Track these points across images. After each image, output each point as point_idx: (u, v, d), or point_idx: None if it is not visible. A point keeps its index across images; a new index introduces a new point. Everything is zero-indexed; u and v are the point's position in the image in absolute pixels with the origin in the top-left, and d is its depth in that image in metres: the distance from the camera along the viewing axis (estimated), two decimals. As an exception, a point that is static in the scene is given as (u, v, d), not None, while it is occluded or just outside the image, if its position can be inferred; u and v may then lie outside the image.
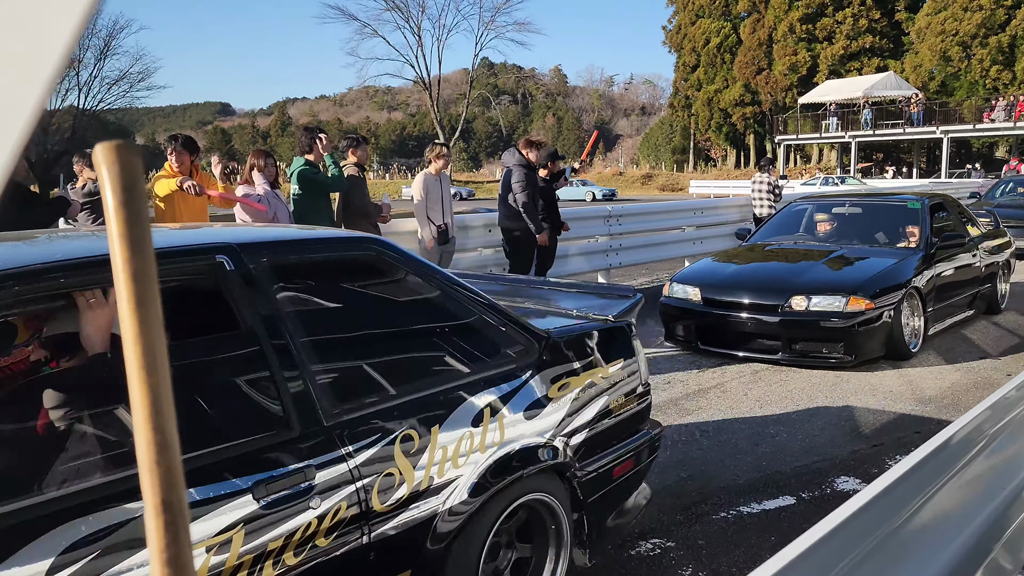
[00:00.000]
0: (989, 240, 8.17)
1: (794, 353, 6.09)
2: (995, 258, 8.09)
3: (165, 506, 0.43)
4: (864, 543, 1.23)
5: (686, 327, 6.63)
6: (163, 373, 0.45)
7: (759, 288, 6.33)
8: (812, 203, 8.41)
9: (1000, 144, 45.77)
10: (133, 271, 0.45)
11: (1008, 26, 40.38)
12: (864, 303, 5.95)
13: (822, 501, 3.75)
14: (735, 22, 53.72)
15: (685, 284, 6.72)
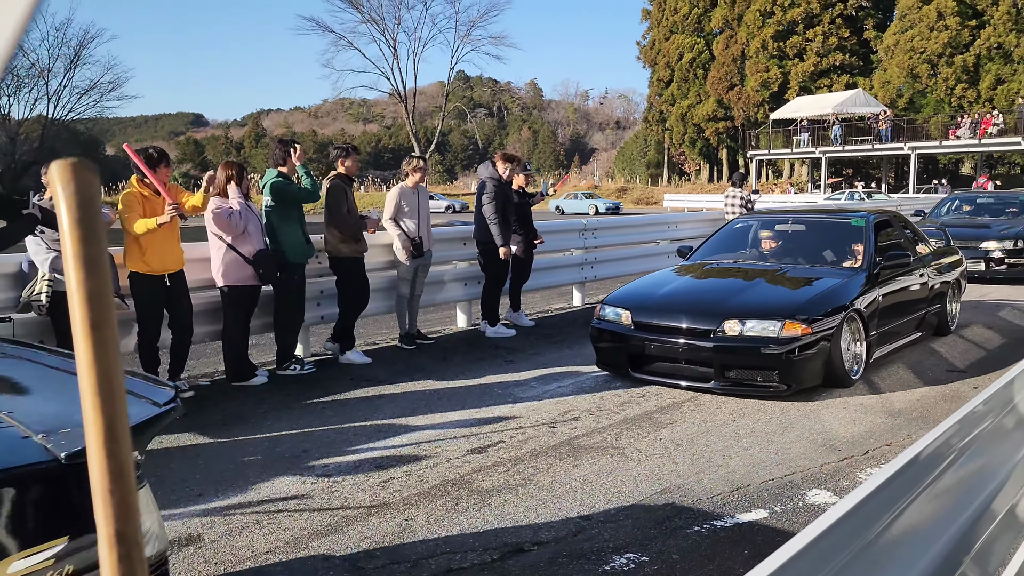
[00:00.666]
0: (938, 259, 7.87)
1: (727, 381, 5.69)
2: (944, 277, 7.78)
3: (120, 537, 0.42)
4: (837, 558, 1.23)
5: (616, 353, 6.21)
6: (119, 398, 0.43)
7: (691, 311, 5.92)
8: (756, 220, 7.99)
9: (966, 160, 46.65)
10: (88, 292, 0.44)
11: (972, 46, 41.27)
12: (800, 328, 5.56)
13: (794, 514, 3.76)
14: (708, 38, 54.34)
15: (616, 307, 6.30)
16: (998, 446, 1.99)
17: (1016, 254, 11.57)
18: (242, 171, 6.27)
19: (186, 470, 4.38)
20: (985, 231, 11.99)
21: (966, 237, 11.43)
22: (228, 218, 5.96)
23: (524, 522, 3.68)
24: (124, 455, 0.43)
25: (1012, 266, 11.59)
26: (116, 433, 0.43)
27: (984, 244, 11.66)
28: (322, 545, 3.46)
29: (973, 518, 1.80)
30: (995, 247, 11.59)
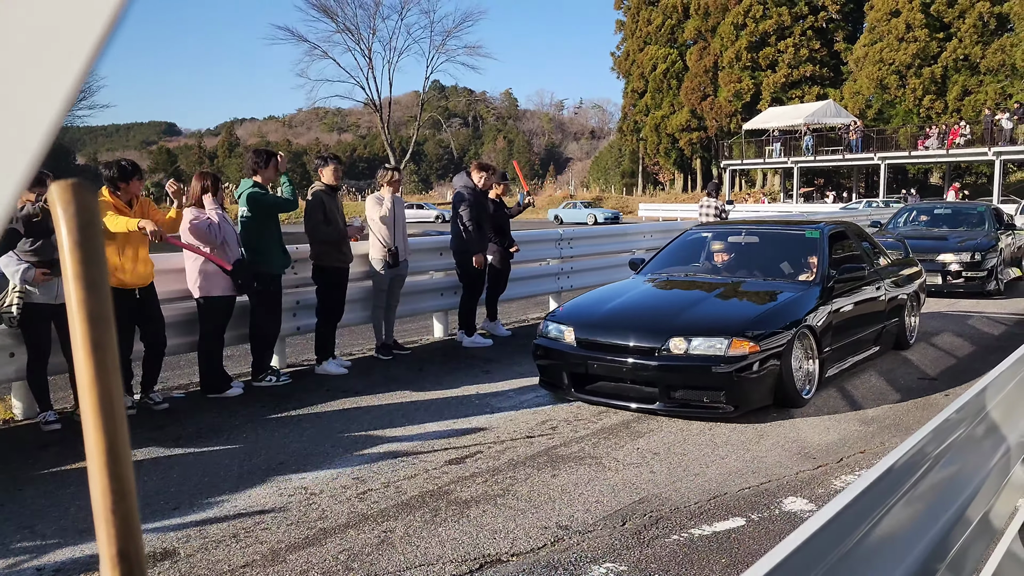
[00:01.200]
0: (896, 271, 7.65)
1: (673, 403, 5.37)
2: (903, 290, 7.53)
3: (122, 556, 0.42)
4: (816, 569, 1.24)
5: (558, 372, 5.87)
6: (120, 418, 0.44)
7: (636, 328, 5.61)
8: (710, 231, 7.65)
9: (934, 170, 47.50)
10: (89, 313, 0.44)
11: (940, 58, 42.10)
12: (748, 346, 5.26)
13: (771, 522, 3.79)
14: (682, 49, 54.90)
15: (560, 323, 5.98)
16: (971, 454, 2.02)
17: (973, 267, 11.04)
18: (217, 181, 6.24)
19: (161, 483, 4.32)
20: (942, 243, 11.50)
21: (922, 249, 10.99)
22: (207, 229, 5.92)
23: (502, 532, 3.68)
24: (126, 475, 0.43)
25: (970, 279, 11.07)
26: (118, 453, 0.43)
27: (941, 257, 11.17)
28: (300, 558, 3.43)
29: (948, 525, 1.84)
30: (952, 260, 11.10)
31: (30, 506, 4.02)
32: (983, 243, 11.34)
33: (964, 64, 41.89)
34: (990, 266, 11.04)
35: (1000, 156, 33.14)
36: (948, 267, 11.07)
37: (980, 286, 11.05)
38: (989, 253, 11.15)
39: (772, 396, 5.51)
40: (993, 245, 11.33)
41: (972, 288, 11.06)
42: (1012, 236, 12.61)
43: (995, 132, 33.17)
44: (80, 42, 0.40)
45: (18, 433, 5.33)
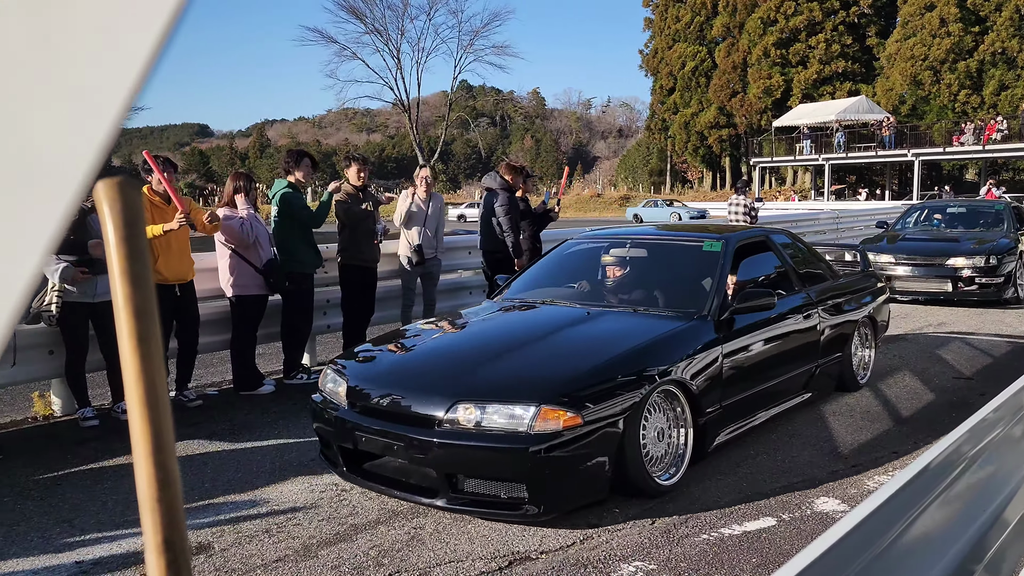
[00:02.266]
0: (840, 293, 5.97)
1: (460, 497, 3.73)
2: (847, 316, 5.93)
3: (167, 545, 0.43)
4: (849, 568, 1.23)
5: (328, 442, 4.26)
6: (164, 408, 0.45)
7: (420, 384, 4.03)
8: (591, 242, 5.96)
9: (970, 167, 46.66)
10: (135, 307, 0.45)
11: (976, 52, 41.34)
12: (564, 417, 3.60)
13: (802, 522, 3.76)
14: (710, 46, 54.48)
15: (338, 372, 4.42)
16: (1009, 454, 1.99)
17: (988, 272, 9.87)
18: (250, 181, 6.32)
19: (195, 479, 4.39)
20: (953, 245, 10.41)
21: (931, 253, 10.35)
22: (239, 228, 6.00)
23: (531, 530, 3.68)
24: (171, 464, 0.44)
25: (984, 286, 9.91)
26: (163, 442, 0.44)
27: (951, 261, 10.07)
28: (331, 553, 3.47)
29: (985, 526, 1.81)
30: (964, 264, 9.95)
31: (69, 500, 4.10)
32: (1000, 245, 10.20)
33: (1001, 58, 41.08)
34: (1008, 271, 9.99)
35: (1038, 151, 32.45)
36: (960, 272, 9.94)
37: (996, 294, 9.96)
38: (1007, 256, 10.07)
39: (607, 486, 3.84)
40: (1012, 247, 10.29)
41: (987, 296, 9.98)
42: None
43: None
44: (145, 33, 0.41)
45: (57, 429, 5.44)
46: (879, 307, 6.56)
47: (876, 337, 6.55)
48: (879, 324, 6.58)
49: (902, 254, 10.46)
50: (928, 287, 10.21)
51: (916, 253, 10.44)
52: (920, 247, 10.61)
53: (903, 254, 10.46)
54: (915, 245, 10.70)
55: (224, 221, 6.00)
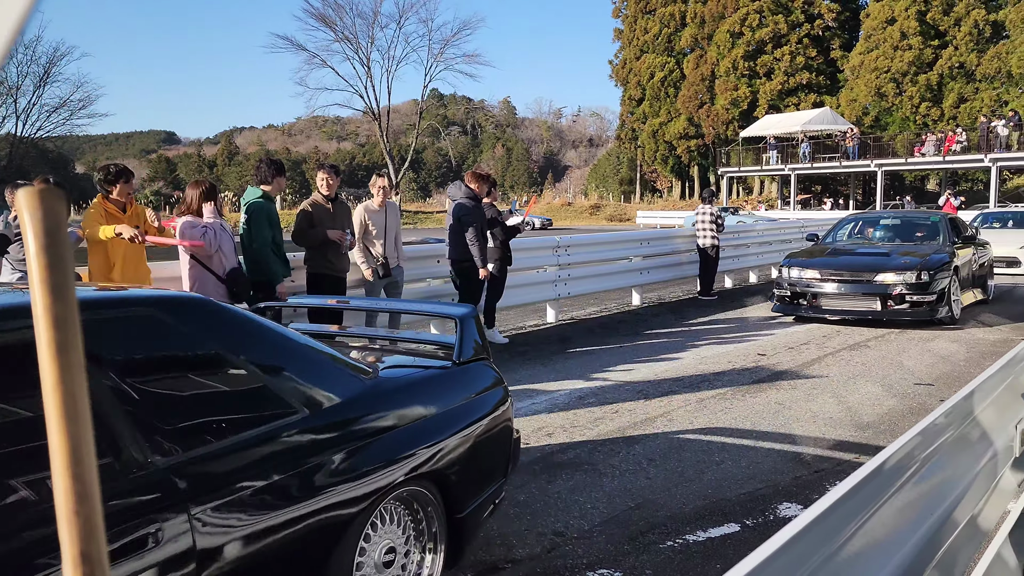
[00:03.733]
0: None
1: None
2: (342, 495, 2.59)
3: (84, 558, 0.43)
4: (798, 572, 1.25)
5: None
6: (84, 421, 0.44)
7: None
8: None
9: (931, 177, 47.58)
10: (55, 317, 0.45)
11: (935, 65, 42.25)
12: None
13: (766, 527, 3.80)
14: (679, 57, 55.05)
15: None
16: (959, 457, 2.03)
17: (920, 289, 9.23)
18: (214, 189, 6.23)
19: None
20: (883, 260, 9.74)
21: (859, 268, 9.66)
22: (202, 236, 5.93)
23: (498, 540, 3.68)
24: (89, 477, 0.44)
25: (915, 305, 9.25)
26: (81, 455, 0.44)
27: (880, 277, 9.41)
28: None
29: (936, 528, 1.84)
30: (894, 281, 9.31)
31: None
32: (933, 259, 9.54)
33: (960, 72, 42.02)
34: (941, 288, 9.32)
35: (996, 163, 33.20)
36: (890, 290, 9.30)
37: (929, 312, 9.28)
38: (940, 272, 9.38)
39: None
40: (946, 262, 9.58)
41: (919, 315, 9.28)
42: (975, 250, 10.99)
43: (991, 139, 33.24)
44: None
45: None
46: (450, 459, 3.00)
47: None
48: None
49: (829, 269, 9.82)
50: (855, 305, 9.53)
51: (844, 268, 9.77)
52: (848, 262, 9.94)
53: (830, 269, 9.81)
54: (843, 260, 10.04)
55: (189, 229, 5.93)
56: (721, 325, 9.90)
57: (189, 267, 6.02)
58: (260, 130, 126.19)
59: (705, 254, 12.23)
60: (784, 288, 10.07)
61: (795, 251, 11.39)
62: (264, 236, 6.26)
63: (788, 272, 10.10)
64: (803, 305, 9.85)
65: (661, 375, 7.06)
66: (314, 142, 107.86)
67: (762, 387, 6.60)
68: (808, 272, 9.87)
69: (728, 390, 6.49)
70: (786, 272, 10.14)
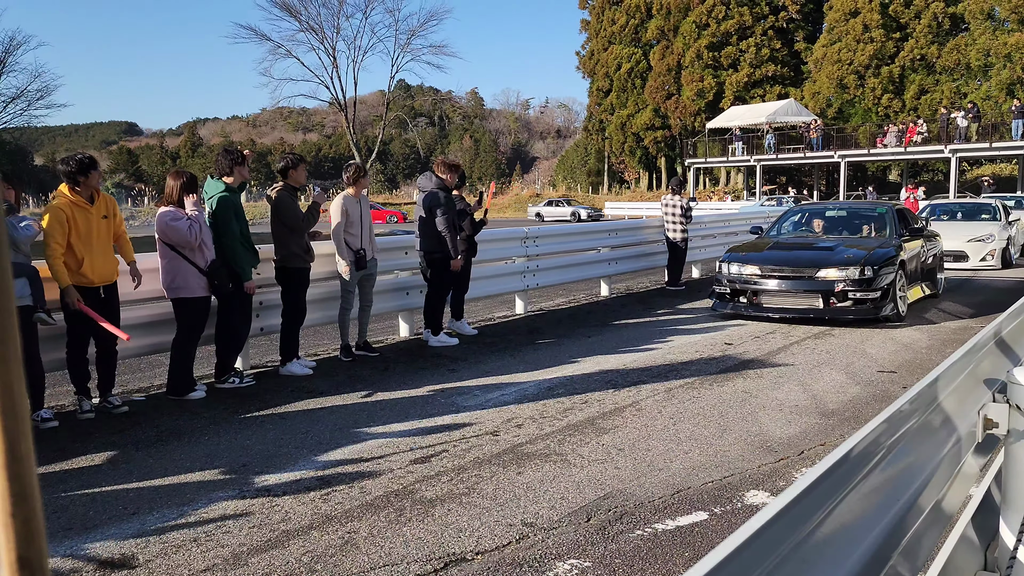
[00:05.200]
0: None
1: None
2: None
3: (22, 562, 0.40)
4: (768, 559, 1.25)
5: None
6: (22, 416, 0.42)
7: None
8: None
9: (893, 168, 48.36)
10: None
11: (897, 58, 42.89)
12: None
13: (733, 515, 3.83)
14: (645, 49, 55.21)
15: None
16: (924, 443, 2.05)
17: (864, 285, 8.68)
18: (194, 180, 6.11)
19: (119, 488, 4.24)
20: (826, 255, 9.18)
21: (801, 263, 9.11)
22: (187, 229, 5.83)
23: (467, 531, 3.66)
24: (28, 476, 0.41)
25: (859, 302, 8.73)
26: (19, 453, 0.41)
27: (823, 273, 8.85)
28: (262, 561, 3.39)
29: (902, 513, 1.86)
30: (837, 276, 8.74)
31: None
32: (878, 254, 9.00)
33: (921, 64, 42.72)
34: (886, 283, 8.83)
35: (956, 153, 33.85)
36: (832, 286, 8.74)
37: (873, 310, 8.76)
38: (885, 267, 8.87)
39: None
40: (892, 256, 9.08)
41: (863, 313, 8.77)
42: (924, 243, 10.53)
43: (951, 130, 33.87)
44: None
45: None
46: None
47: None
48: None
49: (769, 265, 9.26)
50: (797, 303, 8.98)
51: (785, 263, 9.22)
52: (790, 256, 9.39)
53: (771, 265, 9.24)
54: (784, 255, 9.51)
55: (171, 222, 5.82)
56: (689, 315, 9.97)
57: (168, 259, 5.91)
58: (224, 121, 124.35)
59: (674, 245, 12.29)
60: (723, 285, 9.51)
61: (737, 244, 10.77)
62: (232, 230, 6.17)
63: (727, 268, 9.52)
64: (743, 303, 9.34)
65: (630, 365, 7.09)
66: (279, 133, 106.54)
67: (729, 376, 6.66)
68: (748, 268, 9.35)
69: (696, 379, 6.54)
70: (725, 268, 9.56)
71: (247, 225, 6.44)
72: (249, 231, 6.43)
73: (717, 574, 1.13)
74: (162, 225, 5.85)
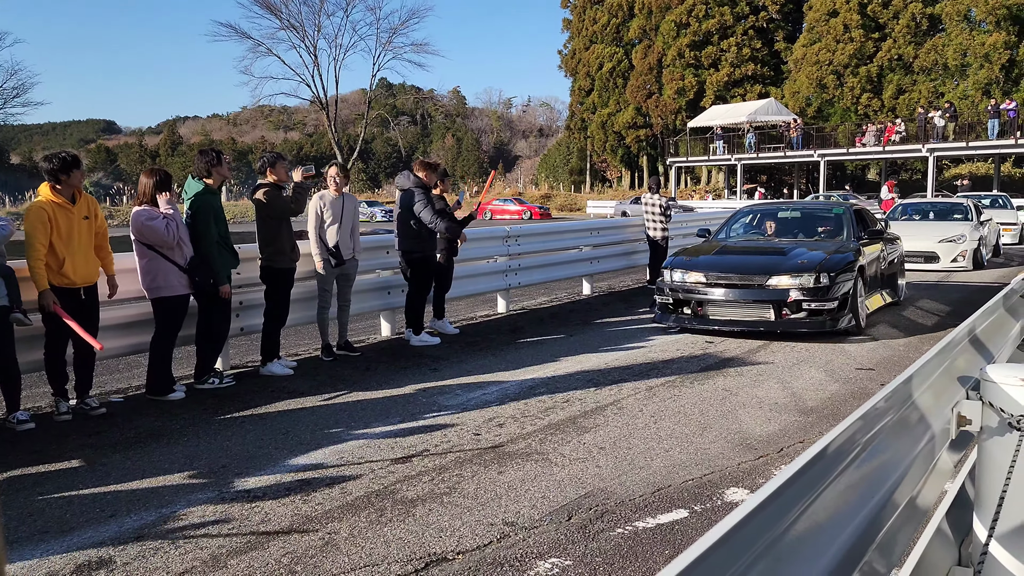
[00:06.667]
0: None
1: None
2: None
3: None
4: (744, 556, 1.26)
5: None
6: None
7: None
8: None
9: (872, 166, 48.82)
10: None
11: (875, 57, 43.30)
12: None
13: (713, 513, 3.85)
14: (627, 48, 55.41)
15: None
16: (899, 440, 2.08)
17: (820, 294, 7.82)
18: (168, 178, 6.05)
19: (97, 490, 4.20)
20: (778, 260, 8.32)
21: (751, 270, 8.21)
22: (164, 229, 5.77)
23: (448, 531, 3.66)
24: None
25: (815, 312, 7.83)
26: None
27: (774, 280, 7.95)
28: (241, 563, 3.37)
29: (877, 510, 1.88)
30: (789, 284, 7.88)
31: None
32: (834, 260, 8.14)
33: (899, 64, 43.16)
34: (843, 292, 7.96)
35: (934, 153, 34.22)
36: (785, 295, 7.87)
37: (830, 323, 7.89)
38: (842, 274, 8.00)
39: None
40: (849, 261, 8.21)
41: (818, 326, 7.88)
42: (884, 247, 9.66)
43: (929, 130, 34.25)
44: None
45: (-56, 443, 5.12)
46: None
47: None
48: None
49: (715, 272, 8.30)
50: (746, 315, 8.05)
51: (732, 271, 8.29)
52: (738, 262, 8.52)
53: (716, 272, 8.29)
54: (732, 260, 8.62)
55: (147, 221, 5.76)
56: (670, 313, 9.99)
57: (147, 259, 5.85)
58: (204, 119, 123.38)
59: (655, 244, 12.33)
60: (665, 294, 8.57)
61: (683, 248, 9.85)
62: (211, 233, 6.12)
63: (670, 275, 8.59)
64: (687, 315, 8.40)
65: (611, 364, 7.11)
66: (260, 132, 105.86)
67: (710, 374, 6.70)
68: (692, 275, 8.38)
69: (677, 378, 6.57)
70: (668, 275, 8.62)
71: (226, 226, 6.39)
72: (228, 232, 6.38)
73: (692, 571, 1.14)
74: (138, 225, 5.79)
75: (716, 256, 8.78)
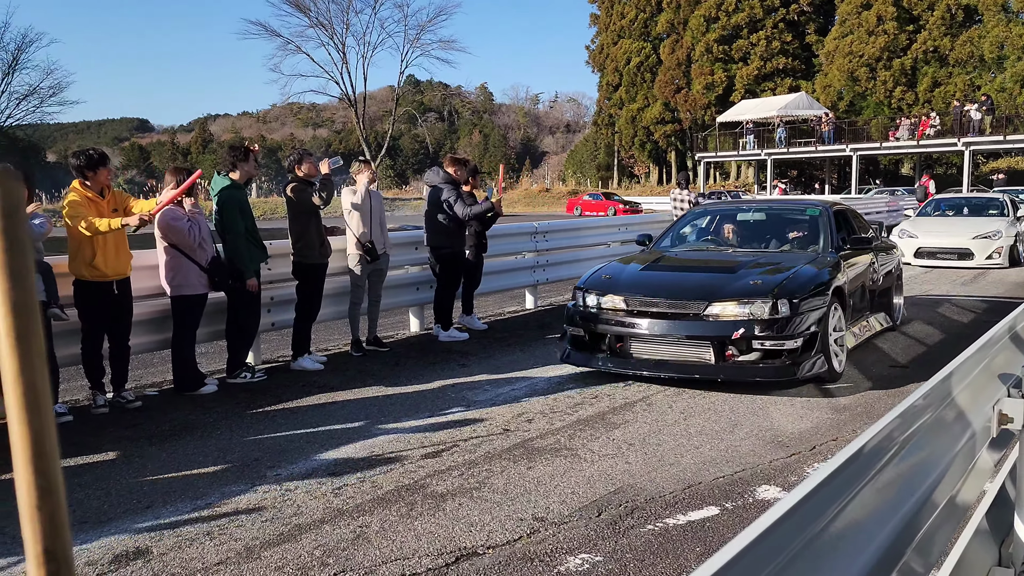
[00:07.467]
0: None
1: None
2: None
3: (48, 555, 0.41)
4: (782, 554, 1.25)
5: None
6: (47, 412, 0.42)
7: None
8: None
9: (905, 161, 48.05)
10: (13, 303, 0.43)
11: (909, 50, 42.60)
12: None
13: (744, 510, 3.82)
14: (655, 43, 55.03)
15: None
16: (938, 439, 2.05)
17: (776, 328, 5.72)
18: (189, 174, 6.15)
19: (133, 482, 4.27)
20: (723, 279, 6.18)
21: (684, 293, 6.04)
22: (187, 229, 5.87)
23: (478, 525, 3.67)
24: (52, 471, 0.42)
25: (770, 354, 5.75)
26: (44, 448, 0.42)
27: (716, 308, 5.86)
28: (275, 555, 3.41)
29: (915, 509, 1.85)
30: (736, 314, 5.81)
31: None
32: (801, 278, 6.06)
33: (933, 56, 42.41)
34: (810, 324, 5.83)
35: (970, 147, 33.60)
36: (729, 329, 5.78)
37: (790, 368, 5.77)
38: (810, 299, 5.92)
39: None
40: (822, 282, 6.14)
41: (773, 373, 5.81)
42: (875, 258, 7.56)
43: (964, 123, 33.62)
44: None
45: None
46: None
47: None
48: None
49: (640, 295, 6.17)
50: (677, 355, 5.95)
51: (662, 293, 6.12)
52: (670, 282, 6.29)
53: (641, 295, 6.16)
54: (663, 279, 6.41)
55: (172, 221, 5.86)
56: (699, 310, 9.93)
57: (170, 256, 5.94)
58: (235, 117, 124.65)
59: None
60: (577, 324, 6.39)
61: (608, 262, 7.35)
62: (237, 227, 6.19)
63: (582, 297, 6.42)
64: (602, 354, 6.27)
65: (640, 360, 7.07)
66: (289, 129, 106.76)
67: (740, 371, 6.63)
68: (609, 298, 6.26)
69: (707, 374, 6.52)
70: (580, 297, 6.46)
71: (253, 220, 6.47)
72: (256, 226, 6.45)
73: (728, 571, 1.13)
74: (163, 224, 5.88)
75: (645, 272, 6.60)
